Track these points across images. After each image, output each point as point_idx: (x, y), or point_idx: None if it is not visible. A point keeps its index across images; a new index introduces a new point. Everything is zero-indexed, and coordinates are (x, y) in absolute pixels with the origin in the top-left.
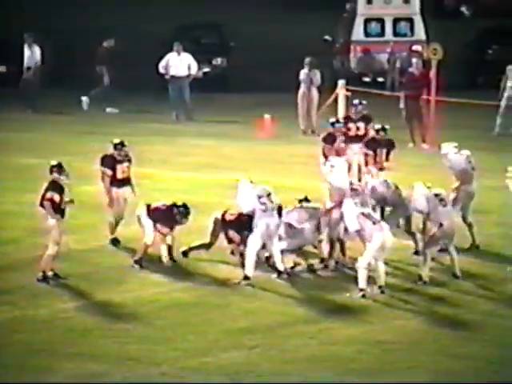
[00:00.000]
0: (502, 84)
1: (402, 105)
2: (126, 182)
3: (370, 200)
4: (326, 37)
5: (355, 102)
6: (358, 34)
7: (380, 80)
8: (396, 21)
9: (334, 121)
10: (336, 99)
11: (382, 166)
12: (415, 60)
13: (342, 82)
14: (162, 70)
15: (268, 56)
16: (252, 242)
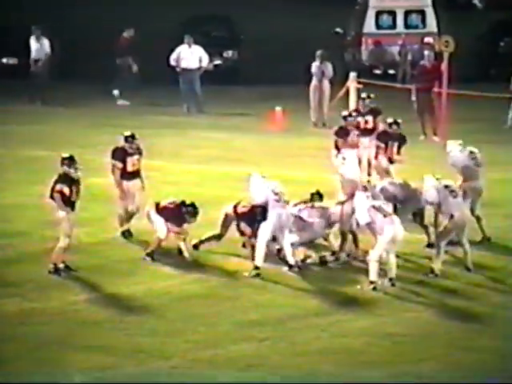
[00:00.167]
0: None
1: (413, 97)
2: (136, 175)
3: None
4: (338, 29)
5: (363, 95)
6: (370, 26)
7: (391, 72)
8: (407, 13)
9: (346, 114)
10: (347, 92)
11: (392, 159)
12: (427, 52)
13: (353, 75)
14: (173, 63)
15: (279, 48)
16: (263, 231)
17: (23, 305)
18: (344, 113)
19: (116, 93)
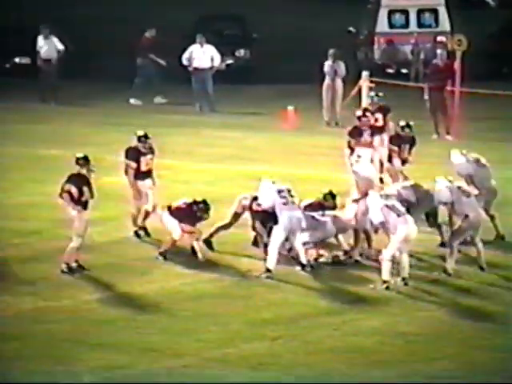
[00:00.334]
0: None
1: (426, 96)
2: (149, 174)
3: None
4: (350, 28)
5: (371, 94)
6: (382, 25)
7: (404, 71)
8: (420, 12)
9: (360, 115)
10: (360, 91)
11: (405, 160)
12: (440, 51)
13: (365, 74)
14: (185, 62)
15: (291, 47)
16: (275, 235)
17: (37, 303)
18: (358, 113)
19: (132, 98)
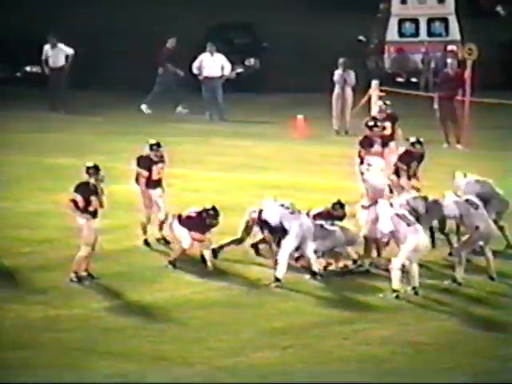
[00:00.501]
0: None
1: (436, 105)
2: (159, 183)
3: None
4: (360, 37)
5: (379, 102)
6: (392, 34)
7: (414, 80)
8: (430, 21)
9: (372, 124)
10: (369, 100)
11: (412, 176)
12: (450, 60)
13: (375, 83)
14: (195, 71)
15: (301, 56)
16: (287, 243)
17: (48, 312)
18: (370, 123)
19: (144, 105)
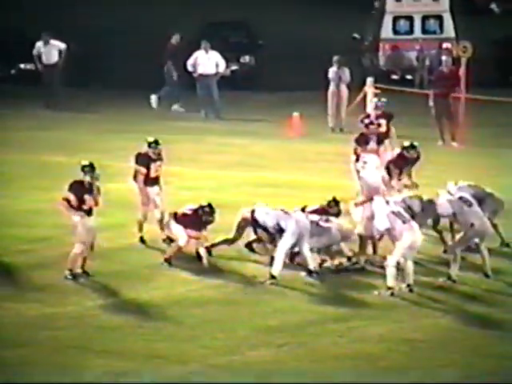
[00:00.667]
0: None
1: (431, 103)
2: (157, 181)
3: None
4: (355, 35)
5: (374, 99)
6: (387, 31)
7: (409, 78)
8: (425, 18)
9: (368, 122)
10: (365, 97)
11: (405, 183)
12: (445, 58)
13: (370, 80)
14: (190, 69)
15: (296, 54)
16: (284, 241)
17: (43, 310)
18: (366, 120)
19: (154, 97)
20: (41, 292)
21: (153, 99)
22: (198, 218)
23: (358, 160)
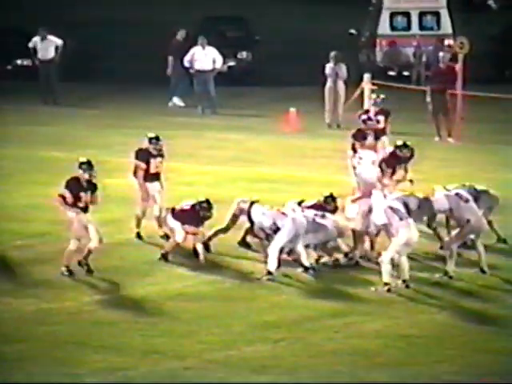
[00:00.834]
0: None
1: (428, 99)
2: (157, 177)
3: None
4: (352, 30)
5: (373, 96)
6: (384, 27)
7: (406, 74)
8: (422, 14)
9: (366, 118)
10: (362, 93)
11: (398, 180)
12: (442, 54)
13: (367, 76)
14: (187, 64)
15: (293, 50)
16: (278, 238)
17: (40, 305)
18: (364, 116)
19: (176, 99)
20: (38, 287)
21: (175, 100)
22: (196, 214)
23: (355, 155)
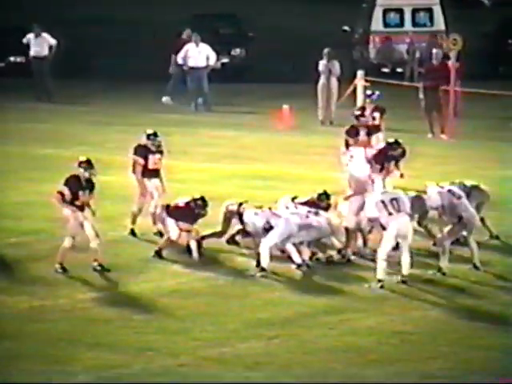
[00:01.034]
0: None
1: (421, 95)
2: (156, 174)
3: None
4: (345, 27)
5: (368, 92)
6: (377, 24)
7: (399, 70)
8: (415, 11)
9: (359, 114)
10: (355, 90)
11: (386, 176)
12: (435, 50)
13: (360, 73)
14: (180, 61)
15: (286, 46)
16: (270, 236)
17: (34, 302)
18: (357, 112)
19: (165, 99)
20: (31, 285)
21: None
22: (191, 211)
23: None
